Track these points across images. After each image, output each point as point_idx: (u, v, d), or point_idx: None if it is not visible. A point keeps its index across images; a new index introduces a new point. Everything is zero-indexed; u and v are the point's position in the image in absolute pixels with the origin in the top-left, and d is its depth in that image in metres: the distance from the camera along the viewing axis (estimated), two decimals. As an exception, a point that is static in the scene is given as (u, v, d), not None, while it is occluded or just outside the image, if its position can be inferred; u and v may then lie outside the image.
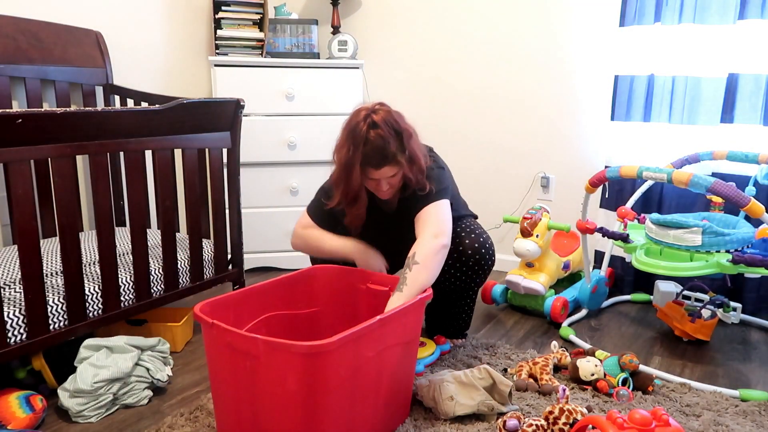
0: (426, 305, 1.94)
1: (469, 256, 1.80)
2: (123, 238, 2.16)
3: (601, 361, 1.71)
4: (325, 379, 1.18)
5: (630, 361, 1.64)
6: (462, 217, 1.90)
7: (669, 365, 1.86)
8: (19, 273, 1.55)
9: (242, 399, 1.27)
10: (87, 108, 1.65)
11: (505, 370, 1.78)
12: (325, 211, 1.77)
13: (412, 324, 1.44)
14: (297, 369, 1.16)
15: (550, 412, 1.40)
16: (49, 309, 1.57)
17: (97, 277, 1.74)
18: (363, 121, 1.57)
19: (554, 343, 1.83)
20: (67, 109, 1.50)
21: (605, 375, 1.67)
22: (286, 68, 2.65)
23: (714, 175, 2.28)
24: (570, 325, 2.16)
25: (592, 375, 1.66)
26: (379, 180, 1.61)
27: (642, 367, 1.73)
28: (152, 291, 1.87)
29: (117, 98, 2.36)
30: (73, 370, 1.58)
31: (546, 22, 2.61)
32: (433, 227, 1.60)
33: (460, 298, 1.92)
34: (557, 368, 1.78)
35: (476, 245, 1.80)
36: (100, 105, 2.35)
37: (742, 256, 1.65)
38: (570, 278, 2.51)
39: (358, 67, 2.74)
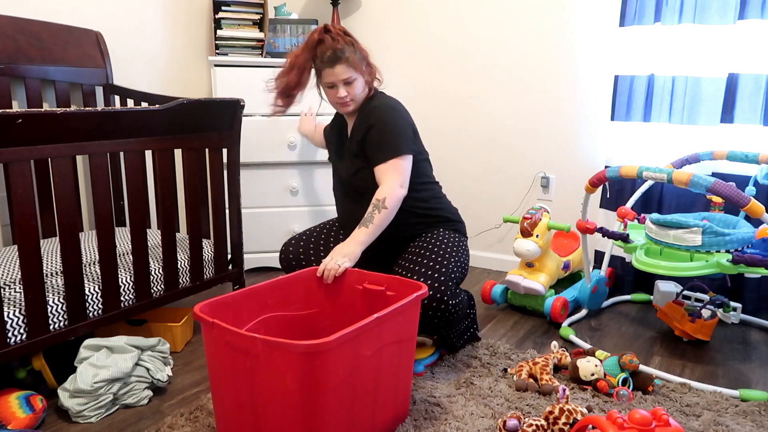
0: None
1: (426, 307, 1.63)
2: (123, 238, 2.16)
3: (601, 361, 1.70)
4: (323, 378, 1.18)
5: (630, 361, 1.64)
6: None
7: (669, 365, 1.86)
8: (19, 273, 1.56)
9: (242, 398, 1.27)
10: (87, 108, 1.65)
11: (505, 370, 1.78)
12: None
13: (409, 322, 1.45)
14: (296, 368, 1.17)
15: (550, 412, 1.40)
16: (49, 309, 1.57)
17: (97, 277, 1.74)
18: (320, 30, 1.75)
19: (554, 343, 1.83)
20: (67, 109, 1.50)
21: (605, 375, 1.67)
22: (286, 68, 2.65)
23: (714, 175, 2.28)
24: (570, 325, 2.16)
25: (592, 375, 1.66)
26: (336, 85, 1.75)
27: (642, 367, 1.73)
28: (152, 291, 1.87)
29: (117, 98, 2.36)
30: (73, 370, 1.58)
31: (546, 23, 2.61)
32: (399, 177, 1.74)
33: (450, 333, 1.83)
34: (557, 368, 1.78)
35: (434, 296, 1.62)
36: (100, 105, 2.35)
37: (742, 256, 1.65)
38: (570, 278, 2.51)
39: (358, 67, 2.74)
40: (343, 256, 1.64)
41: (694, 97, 2.26)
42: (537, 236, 2.17)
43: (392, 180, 1.72)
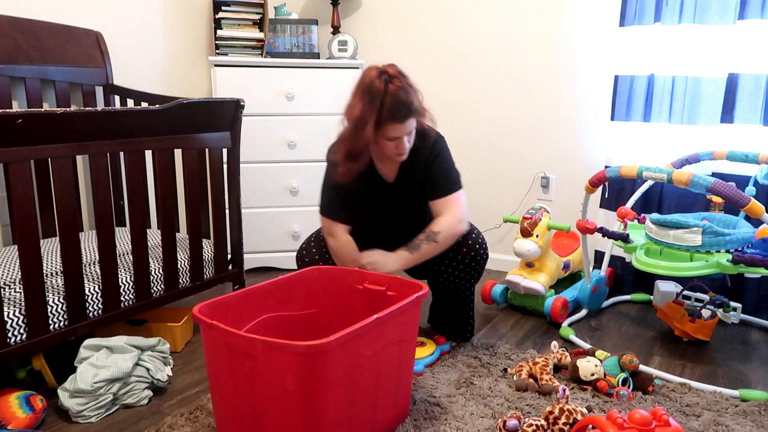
0: (431, 307, 1.95)
1: (465, 254, 1.82)
2: (123, 238, 2.16)
3: (601, 361, 1.70)
4: (323, 379, 1.18)
5: (630, 361, 1.64)
6: None
7: (669, 365, 1.86)
8: (19, 273, 1.55)
9: (241, 399, 1.27)
10: (87, 108, 1.65)
11: (505, 370, 1.78)
12: (338, 203, 1.76)
13: (410, 322, 1.45)
14: (295, 369, 1.17)
15: (550, 412, 1.40)
16: (49, 309, 1.57)
17: (97, 277, 1.74)
18: (378, 77, 1.57)
19: (554, 343, 1.83)
20: (67, 109, 1.50)
21: (605, 375, 1.67)
22: (286, 68, 2.65)
23: (714, 175, 2.28)
24: (570, 325, 2.16)
25: (592, 375, 1.66)
26: (401, 137, 1.61)
27: (642, 367, 1.73)
28: (152, 291, 1.87)
29: (117, 98, 2.36)
30: (73, 370, 1.58)
31: (546, 23, 2.61)
32: (459, 213, 1.72)
33: (461, 297, 1.93)
34: (557, 368, 1.78)
35: (470, 242, 1.82)
36: (100, 105, 2.35)
37: (742, 256, 1.65)
38: (570, 278, 2.51)
39: (358, 67, 2.74)
40: (384, 265, 1.68)
41: (694, 97, 2.26)
42: (537, 236, 2.17)
43: (453, 213, 1.71)
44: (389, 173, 1.79)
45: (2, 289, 1.58)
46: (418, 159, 1.75)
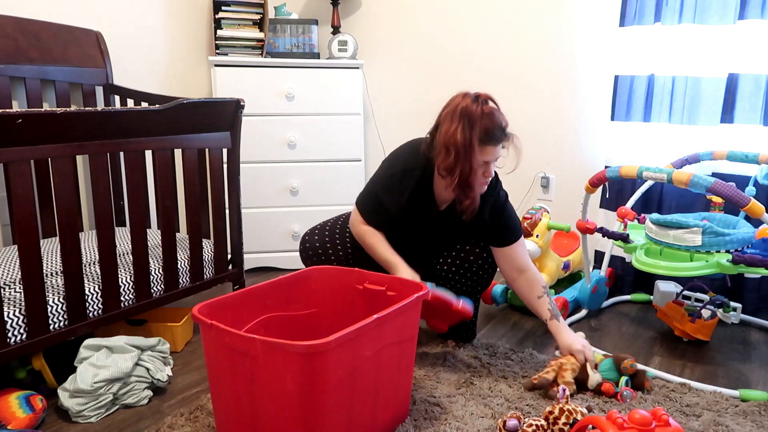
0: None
1: (472, 262, 1.84)
2: (123, 238, 2.16)
3: (597, 364, 1.70)
4: (323, 379, 1.18)
5: (631, 366, 1.64)
6: None
7: (669, 365, 1.86)
8: (19, 273, 1.55)
9: (241, 399, 1.27)
10: (87, 108, 1.65)
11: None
12: (376, 208, 1.75)
13: (409, 322, 1.45)
14: (295, 369, 1.17)
15: (550, 412, 1.40)
16: (49, 309, 1.57)
17: (97, 277, 1.74)
18: (474, 101, 1.59)
19: (557, 352, 1.79)
20: (67, 109, 1.50)
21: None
22: (286, 68, 2.66)
23: (714, 175, 2.27)
24: (570, 325, 2.16)
25: (599, 385, 1.65)
26: (490, 162, 1.60)
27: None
28: (152, 291, 1.87)
29: (117, 98, 2.36)
30: (73, 370, 1.58)
31: (546, 23, 2.61)
32: (529, 259, 1.82)
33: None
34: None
35: (477, 250, 1.85)
36: (100, 105, 2.35)
37: (742, 256, 1.65)
38: (570, 278, 2.51)
39: (358, 67, 2.74)
40: (588, 348, 1.70)
41: (694, 97, 2.26)
42: (537, 236, 2.17)
43: (530, 260, 1.81)
44: (443, 199, 1.76)
45: (2, 289, 1.58)
46: (482, 199, 1.71)
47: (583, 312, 2.26)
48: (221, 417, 1.36)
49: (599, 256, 2.55)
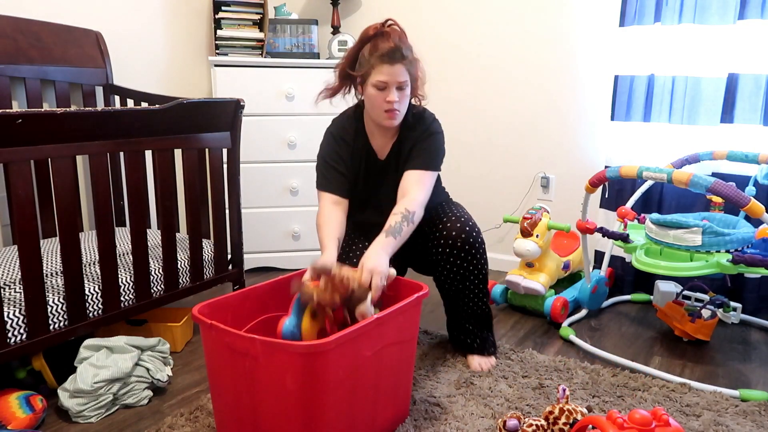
0: (448, 324, 1.89)
1: (455, 238, 1.71)
2: (123, 238, 2.16)
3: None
4: (323, 379, 1.18)
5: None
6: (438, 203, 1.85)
7: (669, 365, 1.86)
8: (19, 273, 1.55)
9: (241, 400, 1.27)
10: (87, 108, 1.65)
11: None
12: (326, 173, 1.71)
13: (409, 323, 1.45)
14: (295, 369, 1.17)
15: (550, 412, 1.40)
16: (49, 309, 1.57)
17: (97, 277, 1.74)
18: (377, 25, 1.62)
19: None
20: (67, 109, 1.50)
21: None
22: (286, 68, 2.65)
23: (714, 175, 2.28)
24: (570, 325, 2.16)
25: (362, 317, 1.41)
26: (389, 86, 1.57)
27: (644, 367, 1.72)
28: (152, 291, 1.87)
29: (117, 98, 2.36)
30: (73, 370, 1.58)
31: (546, 23, 2.61)
32: (426, 193, 1.66)
33: (467, 298, 1.80)
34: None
35: (458, 226, 1.71)
36: (100, 105, 2.35)
37: (742, 256, 1.65)
38: (570, 278, 2.51)
39: (358, 67, 2.74)
40: (378, 274, 1.43)
41: (694, 97, 2.26)
42: (537, 236, 2.17)
43: (421, 194, 1.64)
44: (382, 150, 1.76)
45: (2, 289, 1.58)
46: (410, 137, 1.70)
47: (583, 312, 2.26)
48: (221, 417, 1.36)
49: (599, 256, 2.55)
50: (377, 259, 1.47)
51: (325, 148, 1.76)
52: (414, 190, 1.64)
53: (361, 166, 1.77)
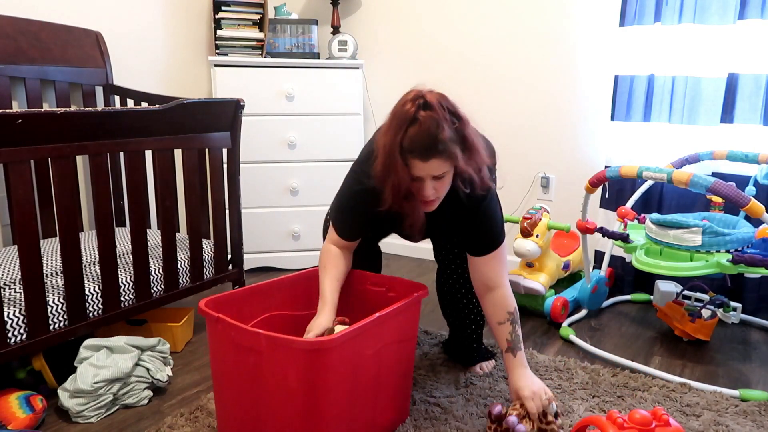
0: (448, 342, 1.88)
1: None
2: (123, 238, 2.16)
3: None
4: (325, 376, 1.19)
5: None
6: None
7: (669, 365, 1.86)
8: (19, 273, 1.55)
9: (244, 394, 1.27)
10: (87, 108, 1.65)
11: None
12: (350, 216, 1.55)
13: (409, 322, 1.45)
14: (298, 365, 1.17)
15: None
16: (49, 309, 1.57)
17: (97, 277, 1.74)
18: (412, 101, 1.31)
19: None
20: (67, 109, 1.50)
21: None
22: (286, 68, 2.65)
23: (714, 175, 2.28)
24: (570, 325, 2.16)
25: None
26: (424, 180, 1.32)
27: (645, 368, 1.72)
28: (152, 291, 1.87)
29: (117, 98, 2.36)
30: (73, 370, 1.58)
31: (546, 23, 2.61)
32: (506, 274, 1.53)
33: (465, 299, 1.78)
34: None
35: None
36: (100, 105, 2.35)
37: (742, 256, 1.65)
38: (570, 278, 2.51)
39: (358, 67, 2.74)
40: (540, 395, 1.39)
41: (694, 97, 2.26)
42: (537, 236, 2.17)
43: (503, 277, 1.50)
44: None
45: (2, 289, 1.58)
46: (452, 210, 1.48)
47: (583, 312, 2.26)
48: (223, 414, 1.36)
49: (599, 256, 2.55)
50: (529, 381, 1.42)
51: (349, 191, 1.53)
52: (499, 277, 1.50)
53: (393, 215, 1.49)
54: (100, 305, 1.71)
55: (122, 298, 1.77)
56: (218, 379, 1.34)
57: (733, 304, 2.22)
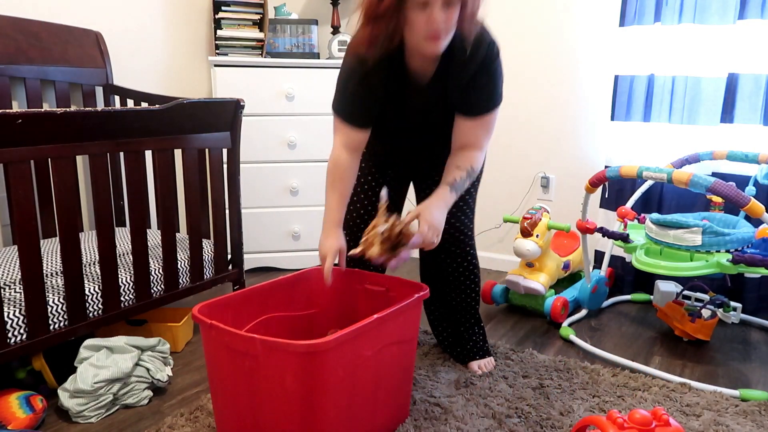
0: (444, 337, 1.88)
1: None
2: (123, 238, 2.16)
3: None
4: (323, 379, 1.18)
5: None
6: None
7: (669, 365, 1.86)
8: (19, 273, 1.55)
9: (241, 399, 1.27)
10: (87, 108, 1.65)
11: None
12: (351, 97, 1.48)
13: (410, 322, 1.45)
14: (295, 368, 1.17)
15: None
16: (49, 309, 1.57)
17: (97, 277, 1.74)
18: None
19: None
20: (67, 109, 1.50)
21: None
22: (286, 68, 2.65)
23: (714, 175, 2.28)
24: (570, 325, 2.16)
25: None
26: (432, 7, 1.26)
27: (642, 367, 1.72)
28: (152, 291, 1.87)
29: (117, 98, 2.36)
30: (73, 370, 1.58)
31: (546, 23, 2.61)
32: (487, 141, 1.51)
33: (458, 289, 1.77)
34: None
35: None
36: (100, 105, 2.35)
37: (742, 256, 1.65)
38: (570, 278, 2.51)
39: (358, 67, 2.74)
40: (436, 230, 1.41)
41: (694, 97, 2.26)
42: (537, 236, 2.17)
43: (485, 141, 1.49)
44: (424, 73, 1.47)
45: (2, 289, 1.58)
46: (462, 62, 1.42)
47: (583, 312, 2.26)
48: (221, 417, 1.36)
49: (599, 256, 2.55)
50: (439, 215, 1.43)
51: (349, 70, 1.47)
52: (479, 140, 1.49)
53: (395, 90, 1.50)
54: (100, 305, 1.71)
55: (122, 298, 1.77)
56: (215, 384, 1.33)
57: (733, 304, 2.22)
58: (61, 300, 1.60)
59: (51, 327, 1.58)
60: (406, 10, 1.29)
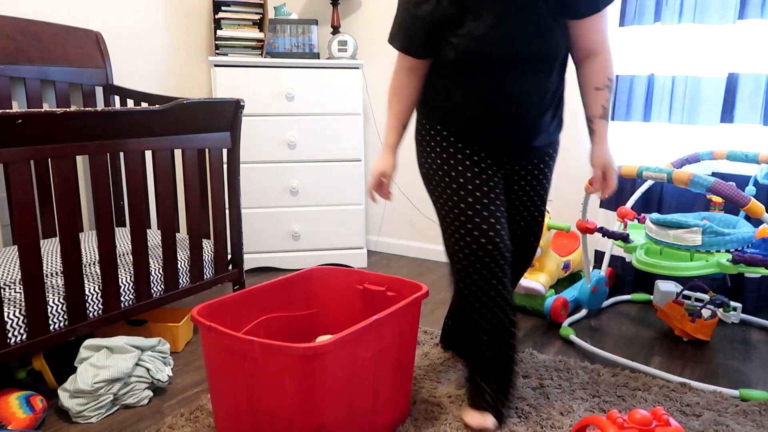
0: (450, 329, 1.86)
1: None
2: (123, 238, 2.16)
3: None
4: (322, 381, 1.18)
5: None
6: None
7: (669, 365, 1.86)
8: (19, 273, 1.56)
9: (241, 401, 1.27)
10: (87, 108, 1.65)
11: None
12: (411, 23, 1.37)
13: (409, 323, 1.44)
14: (294, 371, 1.16)
15: None
16: (49, 309, 1.57)
17: (97, 277, 1.74)
18: None
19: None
20: (67, 109, 1.50)
21: None
22: (286, 68, 2.66)
23: (714, 175, 2.28)
24: (570, 325, 2.16)
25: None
26: None
27: (643, 367, 1.72)
28: (152, 291, 1.87)
29: (117, 98, 2.36)
30: (73, 370, 1.58)
31: (546, 22, 2.60)
32: (610, 42, 1.39)
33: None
34: None
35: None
36: (100, 105, 2.35)
37: (742, 256, 1.65)
38: (570, 278, 2.51)
39: (358, 67, 2.74)
40: (613, 171, 1.37)
41: (694, 97, 2.26)
42: (537, 236, 2.17)
43: (609, 43, 1.35)
44: None
45: (2, 289, 1.58)
46: None
47: (583, 312, 2.26)
48: (221, 418, 1.36)
49: (599, 256, 2.55)
50: (610, 154, 1.38)
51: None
52: (606, 40, 1.36)
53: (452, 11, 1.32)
54: (100, 305, 1.71)
55: (122, 299, 1.77)
56: (214, 386, 1.33)
57: (733, 304, 2.22)
58: (61, 300, 1.60)
59: (51, 327, 1.58)
60: None
